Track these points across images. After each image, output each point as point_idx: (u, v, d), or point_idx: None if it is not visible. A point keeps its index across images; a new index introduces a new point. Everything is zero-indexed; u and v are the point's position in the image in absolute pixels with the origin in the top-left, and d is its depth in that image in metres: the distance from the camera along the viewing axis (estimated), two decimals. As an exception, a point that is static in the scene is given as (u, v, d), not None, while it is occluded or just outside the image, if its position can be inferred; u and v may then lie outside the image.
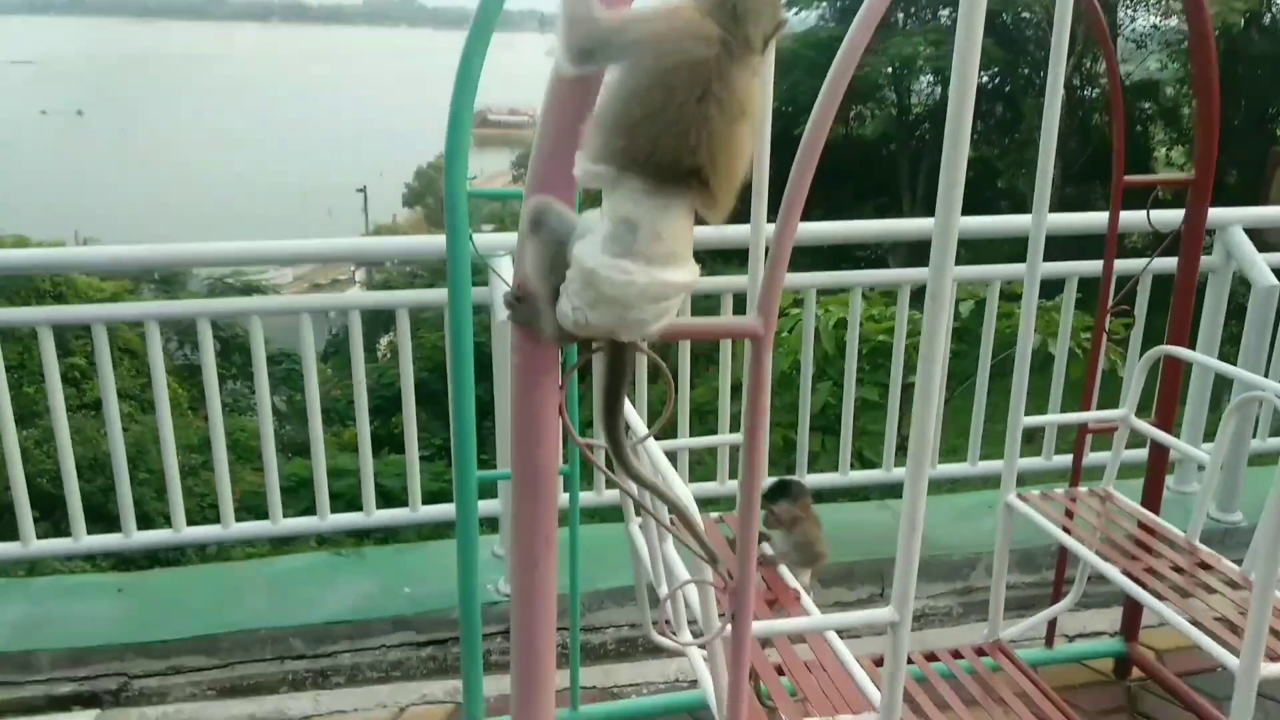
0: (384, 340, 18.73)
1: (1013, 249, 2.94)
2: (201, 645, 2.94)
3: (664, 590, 2.02)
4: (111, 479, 3.03)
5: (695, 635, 1.98)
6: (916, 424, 1.48)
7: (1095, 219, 3.25)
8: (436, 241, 3.02)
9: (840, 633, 1.92)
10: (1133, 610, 2.83)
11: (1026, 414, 2.35)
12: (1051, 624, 2.82)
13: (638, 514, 2.25)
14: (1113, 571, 2.11)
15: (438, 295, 3.10)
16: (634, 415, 1.86)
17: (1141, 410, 2.55)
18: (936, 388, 1.52)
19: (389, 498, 4.78)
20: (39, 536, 3.07)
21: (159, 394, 3.01)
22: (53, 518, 4.87)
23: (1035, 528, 2.52)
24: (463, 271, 2.23)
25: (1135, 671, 2.86)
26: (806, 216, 1.20)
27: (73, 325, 3.84)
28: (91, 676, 2.88)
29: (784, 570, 2.15)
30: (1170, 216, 2.50)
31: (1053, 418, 2.65)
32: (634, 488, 1.30)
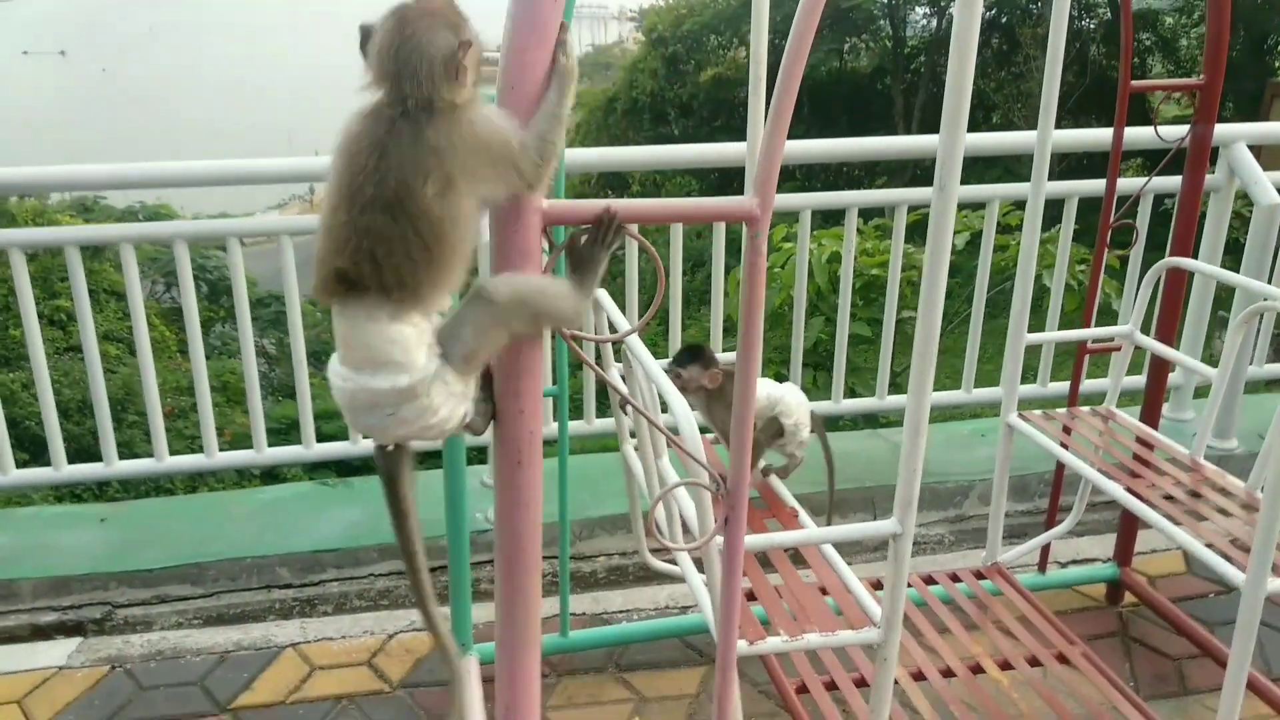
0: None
1: (1004, 178, 2.88)
2: (187, 574, 2.90)
3: (659, 505, 1.97)
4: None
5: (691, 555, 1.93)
6: (924, 313, 1.40)
7: (1099, 134, 3.16)
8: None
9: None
10: (1127, 535, 2.80)
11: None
12: (1045, 549, 2.79)
13: (632, 436, 2.20)
14: (1115, 489, 2.06)
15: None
16: (616, 312, 1.79)
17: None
18: (943, 275, 1.44)
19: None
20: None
21: (136, 316, 2.92)
22: (42, 460, 4.83)
23: (1029, 456, 2.49)
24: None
25: (1127, 597, 2.85)
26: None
27: (45, 247, 3.72)
28: (75, 605, 2.84)
29: (778, 485, 2.10)
30: (1175, 132, 2.42)
31: (1055, 335, 2.59)
32: (621, 384, 1.23)
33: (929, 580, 2.46)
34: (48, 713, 2.39)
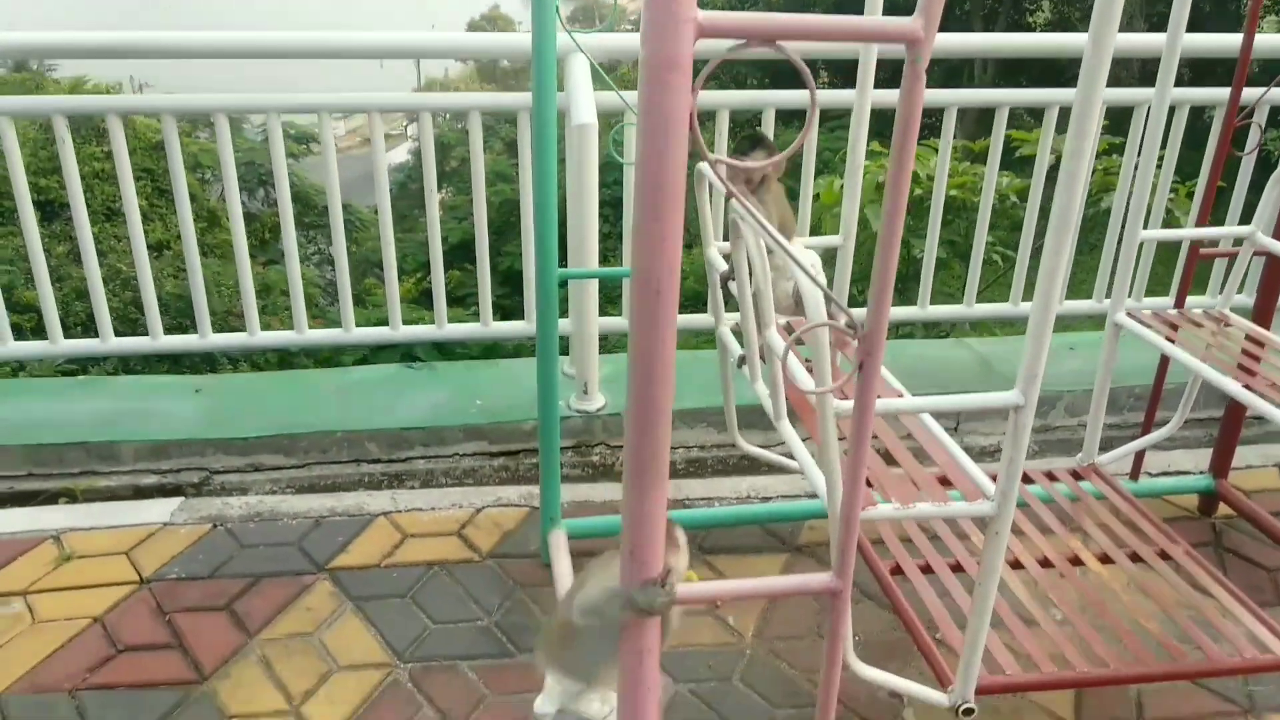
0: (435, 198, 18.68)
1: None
2: (280, 444, 2.97)
3: (758, 381, 1.96)
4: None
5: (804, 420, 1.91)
6: (1064, 185, 1.35)
7: (1227, 40, 3.01)
8: (519, 39, 2.88)
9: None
10: (1225, 447, 2.74)
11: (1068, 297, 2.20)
12: (1139, 457, 2.74)
13: (726, 307, 2.17)
14: (1230, 384, 2.00)
15: (513, 98, 2.97)
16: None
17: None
18: (1085, 165, 1.38)
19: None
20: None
21: (179, 193, 2.94)
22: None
23: (1122, 370, 2.42)
24: (548, 63, 2.13)
25: (1221, 510, 2.80)
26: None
27: (89, 115, 3.71)
28: (174, 470, 2.94)
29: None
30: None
31: (1173, 232, 2.49)
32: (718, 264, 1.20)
33: (1025, 479, 2.43)
34: (154, 564, 2.49)
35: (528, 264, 3.12)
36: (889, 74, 1.57)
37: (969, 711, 1.72)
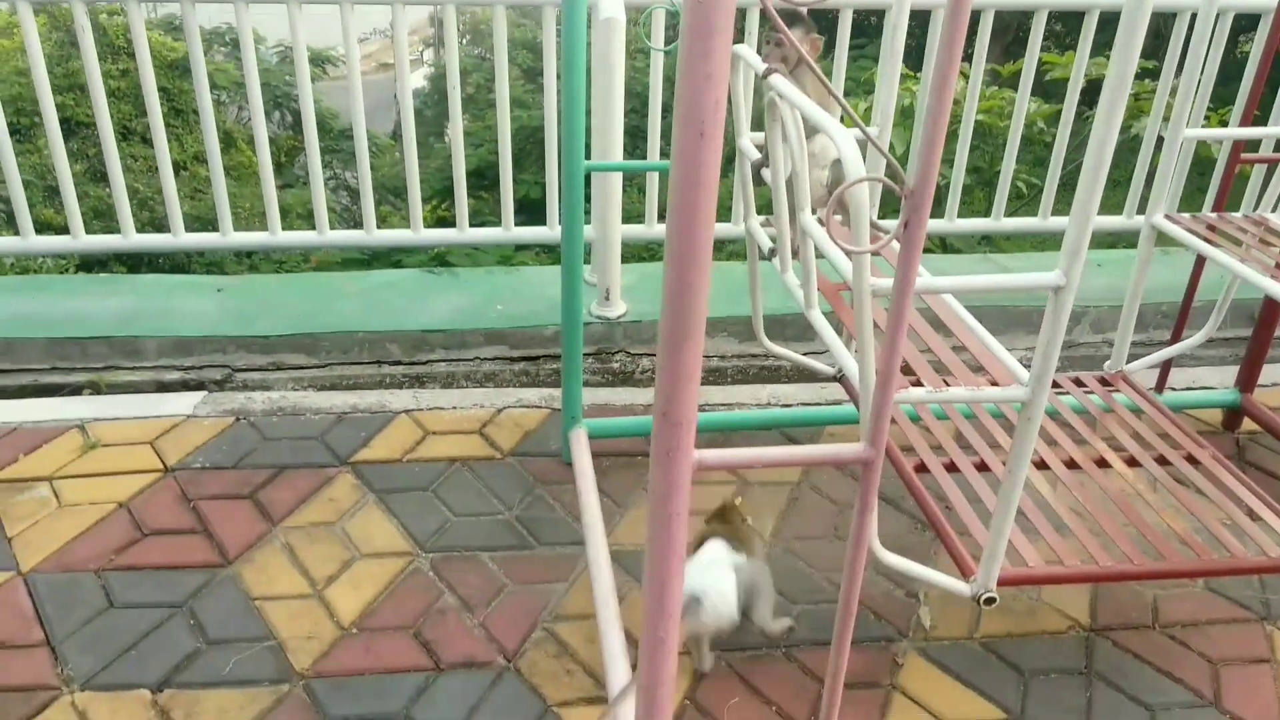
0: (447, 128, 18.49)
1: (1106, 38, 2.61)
2: (301, 343, 2.97)
3: (789, 270, 1.93)
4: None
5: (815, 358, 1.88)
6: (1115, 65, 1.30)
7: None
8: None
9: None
10: (1254, 362, 2.70)
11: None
12: (1166, 368, 2.71)
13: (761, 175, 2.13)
14: (1269, 283, 1.96)
15: (540, -7, 2.90)
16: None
17: None
18: (1132, 64, 1.33)
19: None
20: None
21: (199, 86, 2.87)
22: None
23: (1151, 287, 2.38)
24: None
25: (1245, 425, 2.77)
26: None
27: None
28: (196, 366, 2.94)
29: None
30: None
31: (1219, 131, 2.43)
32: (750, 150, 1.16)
33: (1053, 385, 2.40)
34: (178, 454, 2.51)
35: (550, 164, 3.08)
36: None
37: (990, 600, 1.72)
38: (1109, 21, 3.00)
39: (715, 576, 1.90)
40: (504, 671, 1.97)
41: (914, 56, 3.46)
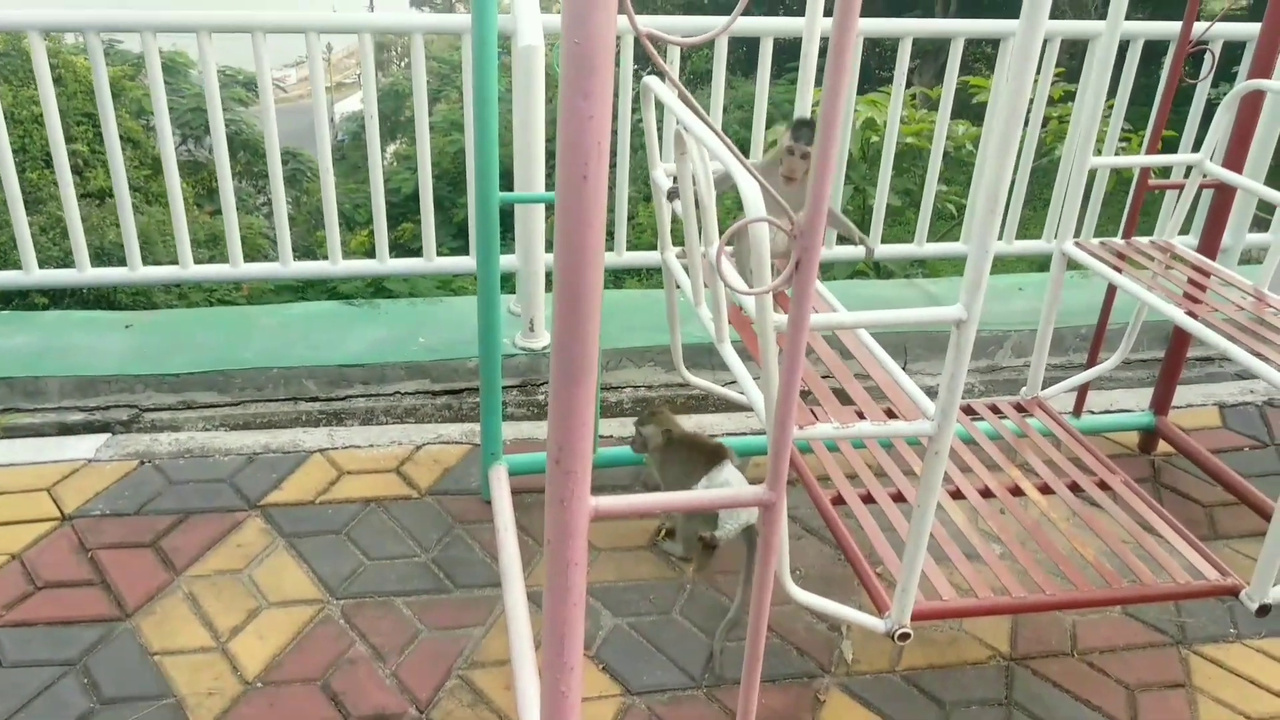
0: (389, 149, 18.32)
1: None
2: (213, 381, 2.88)
3: (702, 304, 1.91)
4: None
5: (724, 385, 1.87)
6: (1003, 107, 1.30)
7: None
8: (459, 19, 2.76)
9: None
10: (1166, 384, 2.75)
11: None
12: (1082, 392, 2.74)
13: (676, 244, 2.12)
14: (1174, 311, 1.98)
15: (457, 20, 2.86)
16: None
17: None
18: (1025, 94, 1.34)
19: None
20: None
21: (103, 108, 2.80)
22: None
23: (1067, 310, 2.41)
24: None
25: (1160, 447, 2.81)
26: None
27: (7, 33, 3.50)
28: (102, 406, 2.83)
29: (822, 289, 2.03)
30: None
31: (1122, 159, 2.47)
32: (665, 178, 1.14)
33: (970, 412, 2.42)
34: (77, 501, 2.40)
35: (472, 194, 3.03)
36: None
37: (905, 636, 1.71)
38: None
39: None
40: (415, 722, 1.91)
41: (865, 76, 3.46)
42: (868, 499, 2.05)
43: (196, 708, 1.90)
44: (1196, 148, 3.17)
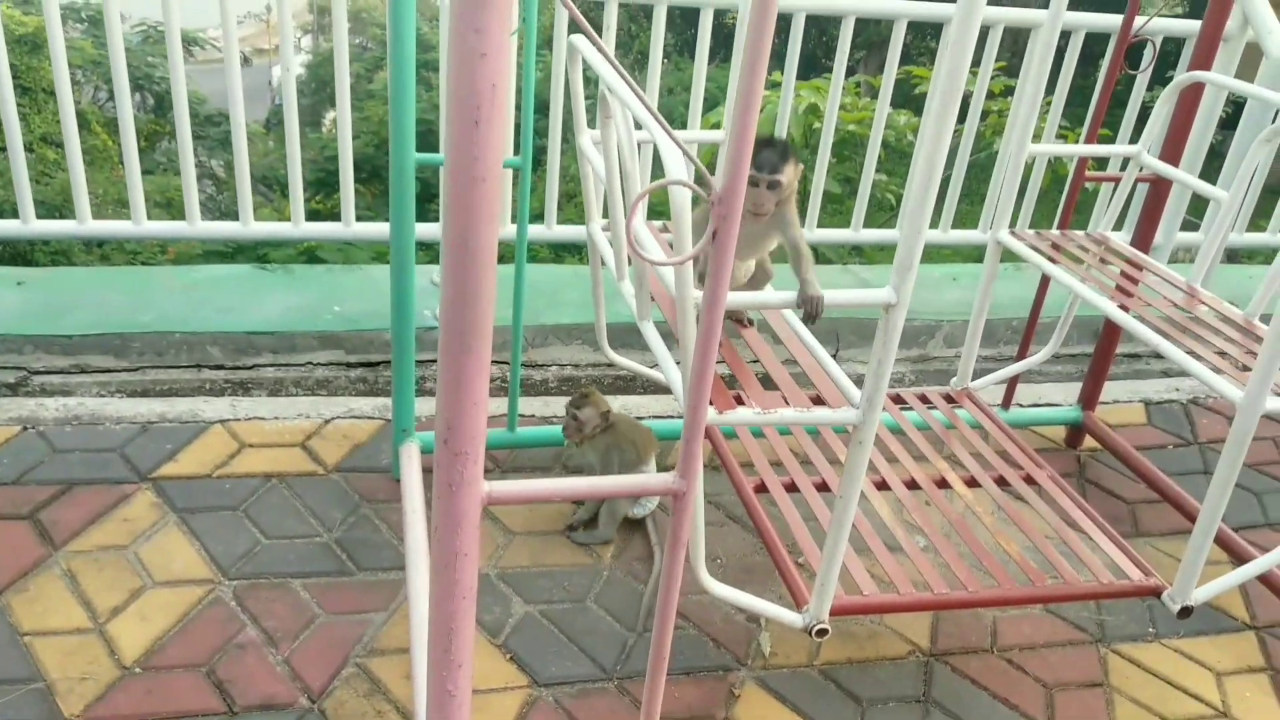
0: (329, 116, 17.86)
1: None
2: (109, 344, 2.70)
3: (625, 277, 1.81)
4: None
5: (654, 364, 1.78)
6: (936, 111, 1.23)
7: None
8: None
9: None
10: (1095, 380, 2.73)
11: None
12: (1012, 384, 2.71)
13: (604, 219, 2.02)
14: (1106, 304, 1.94)
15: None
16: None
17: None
18: (961, 79, 1.26)
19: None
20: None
21: (56, 49, 2.61)
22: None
23: (1000, 303, 2.37)
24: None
25: (1086, 443, 2.80)
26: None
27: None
28: (-14, 368, 2.64)
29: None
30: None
31: (1059, 147, 2.44)
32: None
33: (899, 401, 2.36)
34: (-50, 468, 2.23)
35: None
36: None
37: (823, 632, 1.64)
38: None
39: None
40: (306, 714, 1.79)
41: (810, 64, 3.39)
42: (791, 487, 1.98)
43: (66, 694, 1.77)
44: (1133, 142, 3.16)
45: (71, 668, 1.82)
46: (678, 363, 1.66)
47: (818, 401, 1.60)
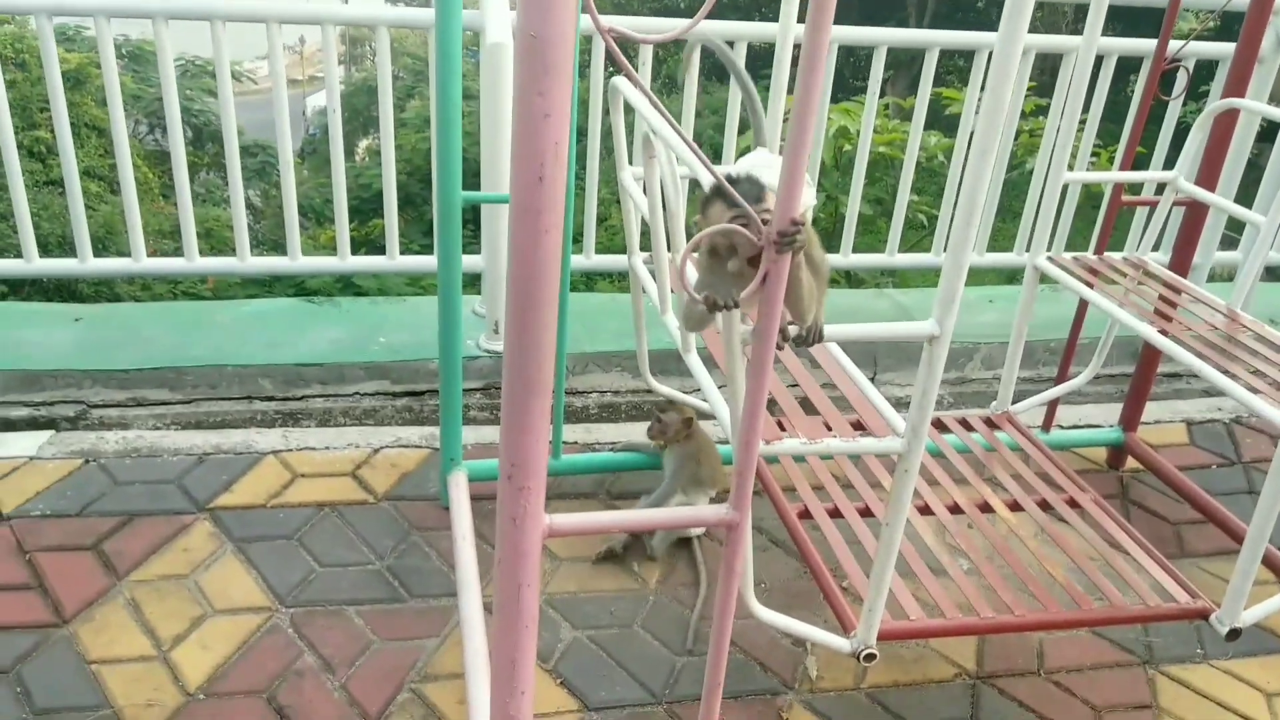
0: (362, 144, 18.12)
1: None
2: (164, 378, 2.78)
3: (668, 313, 1.86)
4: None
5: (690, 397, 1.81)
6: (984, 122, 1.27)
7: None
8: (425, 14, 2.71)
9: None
10: (1136, 400, 2.73)
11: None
12: (1052, 407, 2.71)
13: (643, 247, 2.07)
14: (1147, 329, 1.96)
15: (423, 14, 2.79)
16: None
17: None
18: (1005, 100, 1.30)
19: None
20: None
21: (111, 89, 2.71)
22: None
23: (1038, 323, 2.38)
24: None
25: (1129, 464, 2.80)
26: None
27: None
28: (47, 402, 2.73)
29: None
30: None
31: (1097, 174, 2.45)
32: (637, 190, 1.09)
33: (940, 426, 2.38)
34: (16, 500, 2.30)
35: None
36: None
37: (870, 657, 1.67)
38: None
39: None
40: (364, 738, 1.84)
41: (839, 84, 3.41)
42: (835, 513, 2.00)
43: (134, 719, 1.83)
44: (1167, 165, 3.16)
45: (138, 694, 1.88)
46: (721, 386, 1.70)
47: (858, 426, 1.63)
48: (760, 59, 3.20)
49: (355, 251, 3.08)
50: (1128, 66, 3.29)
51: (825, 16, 0.96)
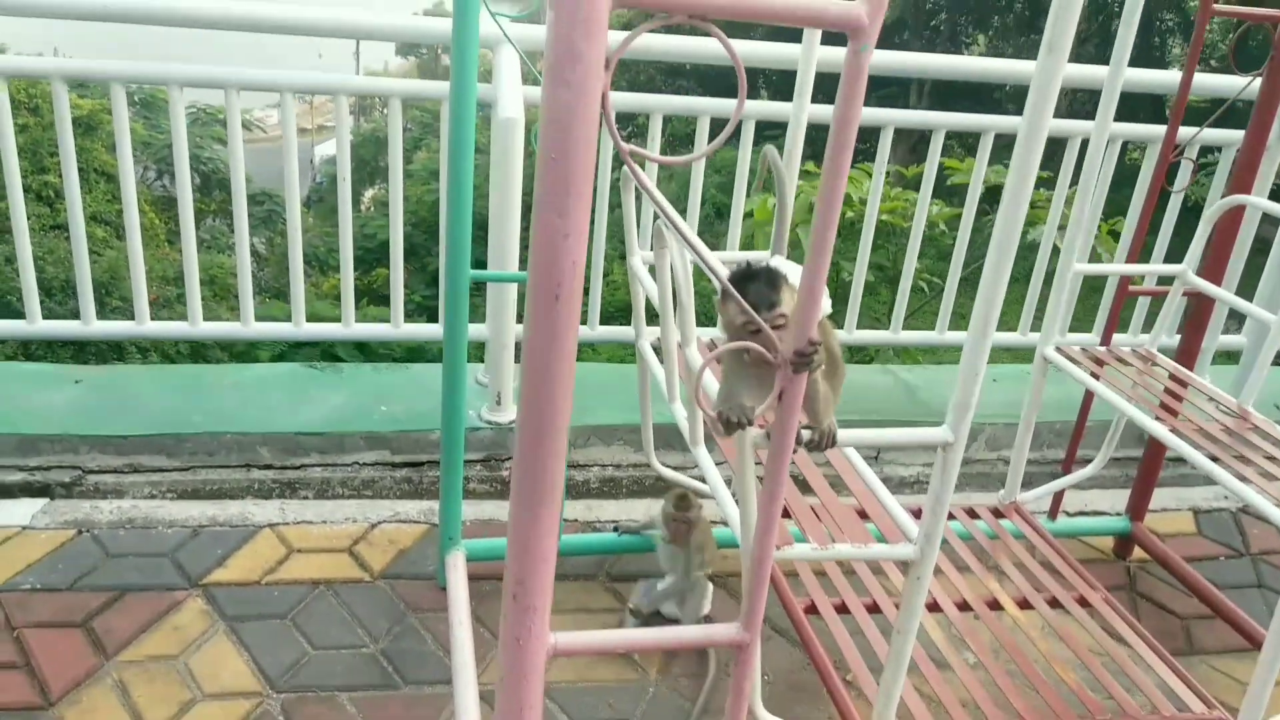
0: (367, 194, 18.28)
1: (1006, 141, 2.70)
2: (162, 444, 2.75)
3: (676, 401, 1.84)
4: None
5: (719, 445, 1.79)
6: (1005, 213, 1.26)
7: (1168, 76, 3.02)
8: (439, 24, 2.73)
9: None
10: (1143, 489, 2.71)
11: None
12: (1058, 496, 2.69)
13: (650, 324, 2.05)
14: (1156, 426, 1.94)
15: (437, 87, 2.81)
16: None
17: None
18: (1028, 189, 1.31)
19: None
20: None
21: (122, 155, 2.72)
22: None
23: (1044, 404, 2.37)
24: (468, 49, 2.00)
25: (1136, 553, 2.76)
26: None
27: (28, 76, 3.42)
28: (43, 467, 2.70)
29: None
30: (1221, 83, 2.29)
31: (1108, 267, 2.45)
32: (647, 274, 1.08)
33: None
34: (6, 573, 2.26)
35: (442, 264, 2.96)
36: (828, 95, 1.38)
37: (879, 767, 1.62)
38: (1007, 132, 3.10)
39: None
40: (353, 836, 1.78)
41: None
42: (841, 609, 1.97)
43: (116, 812, 1.77)
44: (1170, 251, 3.17)
45: (122, 784, 1.83)
46: (728, 481, 1.67)
47: (864, 516, 1.60)
48: (767, 125, 3.21)
49: (358, 300, 3.06)
50: (1126, 146, 3.32)
51: (843, 161, 0.96)
